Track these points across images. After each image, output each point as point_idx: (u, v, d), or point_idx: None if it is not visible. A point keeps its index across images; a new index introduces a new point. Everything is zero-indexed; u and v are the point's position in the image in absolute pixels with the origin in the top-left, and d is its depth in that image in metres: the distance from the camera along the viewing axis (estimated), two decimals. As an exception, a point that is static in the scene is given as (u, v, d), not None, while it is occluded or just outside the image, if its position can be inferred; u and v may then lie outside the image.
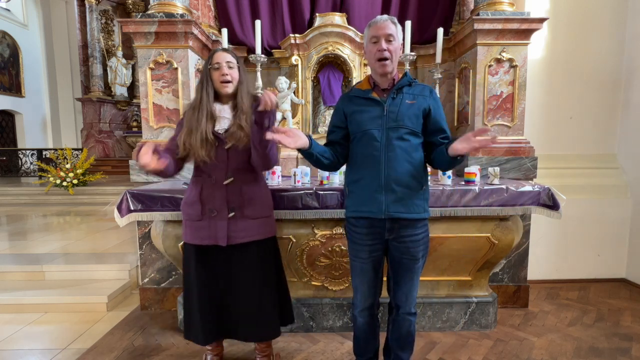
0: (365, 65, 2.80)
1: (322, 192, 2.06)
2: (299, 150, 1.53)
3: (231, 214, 1.68)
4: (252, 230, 1.72)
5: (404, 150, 1.51)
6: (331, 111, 2.88)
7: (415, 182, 1.53)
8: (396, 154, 1.50)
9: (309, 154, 1.55)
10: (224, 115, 1.68)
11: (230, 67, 1.65)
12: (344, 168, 1.97)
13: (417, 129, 1.54)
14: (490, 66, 2.54)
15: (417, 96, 1.55)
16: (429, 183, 1.99)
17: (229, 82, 1.65)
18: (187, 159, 1.70)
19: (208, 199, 1.69)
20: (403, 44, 2.67)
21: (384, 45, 1.47)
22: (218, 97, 1.70)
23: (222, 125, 1.67)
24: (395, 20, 1.53)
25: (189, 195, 1.75)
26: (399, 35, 1.52)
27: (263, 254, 1.79)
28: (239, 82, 1.69)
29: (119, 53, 9.69)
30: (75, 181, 6.73)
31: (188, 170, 1.84)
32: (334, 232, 2.20)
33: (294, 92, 2.81)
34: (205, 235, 1.70)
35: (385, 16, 1.53)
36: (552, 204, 2.04)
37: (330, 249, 2.21)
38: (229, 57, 1.66)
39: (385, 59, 1.48)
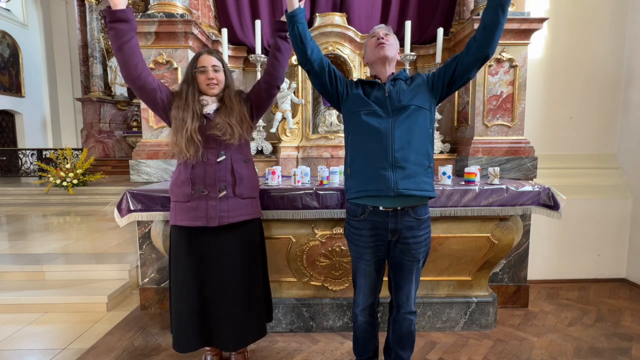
0: (365, 65, 2.80)
1: (322, 192, 2.06)
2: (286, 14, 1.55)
3: (222, 193, 1.68)
4: (242, 209, 1.73)
5: (411, 127, 1.50)
6: (331, 111, 2.88)
7: (424, 159, 1.52)
8: (402, 131, 1.49)
9: (291, 17, 1.53)
10: (211, 103, 1.71)
11: (216, 71, 1.67)
12: (342, 168, 1.97)
13: (422, 104, 1.53)
14: (490, 66, 2.54)
15: (413, 81, 1.60)
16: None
17: (215, 85, 1.68)
18: (174, 156, 1.72)
19: (199, 178, 1.67)
20: (401, 50, 2.68)
21: (382, 34, 1.57)
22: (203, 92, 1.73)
23: (209, 109, 1.69)
24: (392, 30, 1.64)
25: (178, 175, 1.73)
26: (395, 39, 1.61)
27: (251, 233, 1.80)
28: (225, 85, 1.71)
29: (119, 53, 9.68)
30: (75, 181, 6.73)
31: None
32: (334, 232, 2.20)
33: (294, 92, 2.81)
34: (194, 216, 1.68)
35: (382, 25, 1.65)
36: (552, 204, 2.04)
37: (330, 249, 2.21)
38: (214, 61, 1.68)
39: (384, 43, 1.55)
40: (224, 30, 2.66)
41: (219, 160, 1.67)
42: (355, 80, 1.67)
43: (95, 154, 9.14)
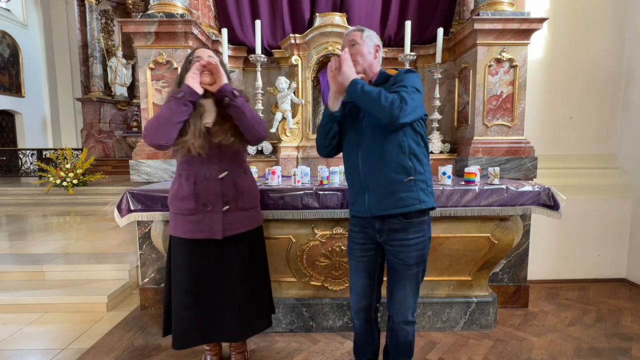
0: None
1: (322, 192, 2.06)
2: (327, 109, 1.56)
3: (226, 207, 1.69)
4: (245, 220, 1.75)
5: (378, 146, 1.47)
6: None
7: (399, 175, 1.46)
8: (370, 152, 1.49)
9: (332, 117, 1.56)
10: (209, 108, 1.68)
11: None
12: (342, 168, 1.98)
13: None
14: (490, 66, 2.54)
15: (389, 88, 1.47)
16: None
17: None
18: (176, 152, 1.68)
19: (202, 193, 1.67)
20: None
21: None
22: None
23: (208, 120, 1.66)
24: (365, 28, 1.56)
25: (179, 189, 1.70)
26: (366, 39, 1.53)
27: (254, 242, 1.83)
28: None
29: (119, 53, 9.69)
30: (75, 181, 6.73)
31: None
32: (334, 232, 2.20)
33: (294, 92, 2.81)
34: (198, 228, 1.68)
35: (354, 27, 1.59)
36: (552, 204, 2.04)
37: (330, 249, 2.21)
38: (210, 52, 1.69)
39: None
40: (224, 30, 2.66)
41: (220, 177, 1.68)
42: (343, 100, 1.65)
43: (95, 154, 9.13)
